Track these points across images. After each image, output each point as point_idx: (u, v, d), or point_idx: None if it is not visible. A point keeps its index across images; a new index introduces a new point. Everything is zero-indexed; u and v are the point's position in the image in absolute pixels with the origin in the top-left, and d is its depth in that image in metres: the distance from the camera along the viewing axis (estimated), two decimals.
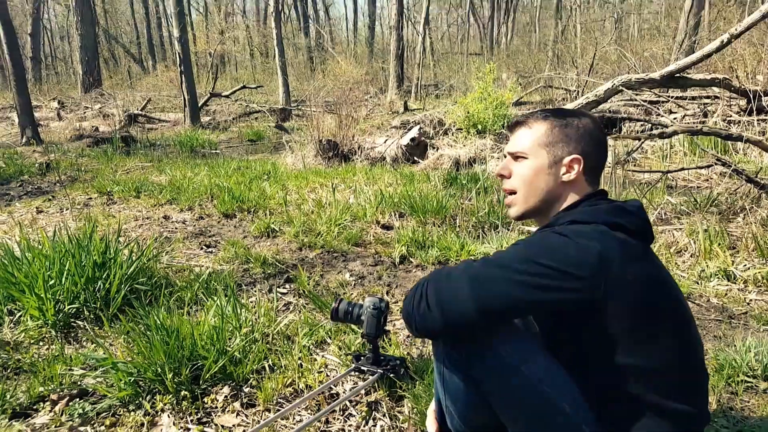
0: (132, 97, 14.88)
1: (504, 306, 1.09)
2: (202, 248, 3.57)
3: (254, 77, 23.03)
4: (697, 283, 2.83)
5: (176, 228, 4.06)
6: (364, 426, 1.74)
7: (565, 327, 1.15)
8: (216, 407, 1.81)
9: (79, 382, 1.94)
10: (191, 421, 1.74)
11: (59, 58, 36.50)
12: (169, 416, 1.75)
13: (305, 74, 22.08)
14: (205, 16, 32.92)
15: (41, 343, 2.25)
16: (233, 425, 1.72)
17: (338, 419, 1.77)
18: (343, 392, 1.89)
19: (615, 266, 1.05)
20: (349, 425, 1.74)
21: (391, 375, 1.86)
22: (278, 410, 1.75)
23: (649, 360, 1.08)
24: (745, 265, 2.91)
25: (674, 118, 6.35)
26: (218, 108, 14.63)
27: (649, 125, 5.59)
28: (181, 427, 1.71)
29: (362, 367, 1.89)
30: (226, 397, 1.85)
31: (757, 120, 5.53)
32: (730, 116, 6.21)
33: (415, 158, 6.64)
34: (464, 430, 1.30)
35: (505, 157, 1.37)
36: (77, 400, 1.85)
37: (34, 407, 1.83)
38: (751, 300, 2.65)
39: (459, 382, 1.21)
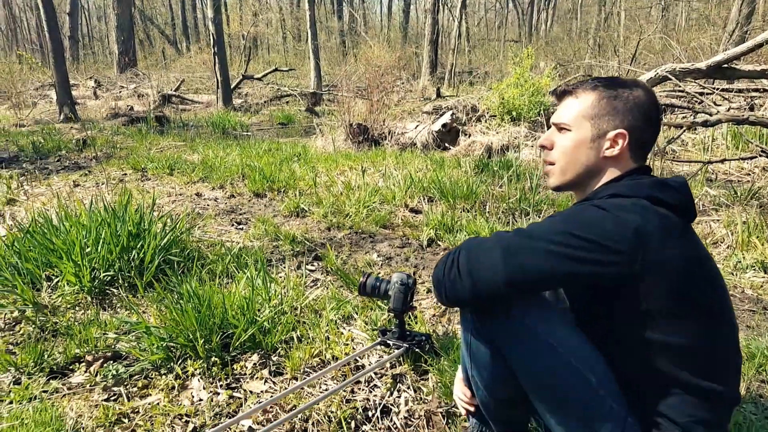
0: (166, 78, 15.15)
1: (536, 277, 1.06)
2: (233, 225, 3.62)
3: (286, 61, 23.13)
4: (732, 274, 2.78)
5: (208, 205, 4.14)
6: (389, 397, 1.76)
7: (600, 301, 1.12)
8: (245, 374, 1.85)
9: (113, 346, 2.01)
10: (221, 386, 1.78)
11: (96, 38, 37.29)
12: (199, 380, 1.79)
13: (337, 58, 22.07)
14: None
15: (77, 308, 2.33)
16: (261, 391, 1.76)
17: (363, 389, 1.79)
18: (369, 364, 1.91)
19: (654, 241, 1.02)
20: (374, 395, 1.76)
21: (417, 350, 1.86)
22: (305, 379, 1.77)
23: (684, 338, 1.05)
24: None
25: (718, 110, 6.12)
26: (250, 91, 14.78)
27: (692, 114, 5.40)
28: (211, 391, 1.75)
29: (388, 341, 1.90)
30: (254, 364, 1.88)
31: None
32: None
33: (446, 144, 6.58)
34: (489, 401, 1.29)
35: (550, 127, 1.32)
36: (111, 362, 1.91)
37: (70, 367, 1.90)
38: None
39: (486, 353, 1.20)
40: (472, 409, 1.45)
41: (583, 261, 1.03)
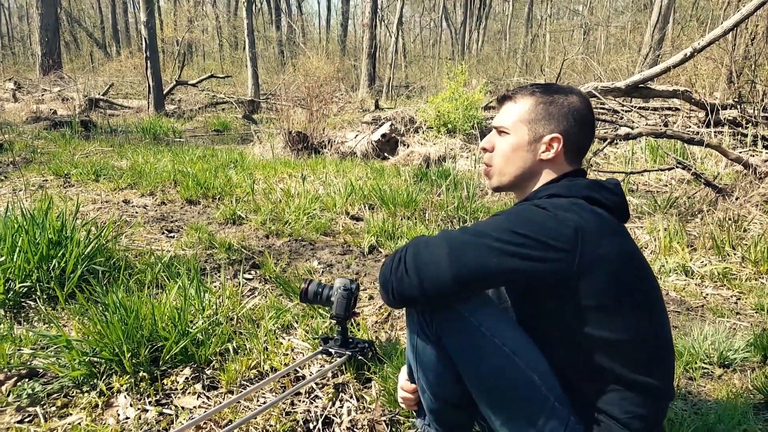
0: (94, 82, 14.39)
1: (479, 273, 1.07)
2: (163, 233, 3.45)
3: (222, 68, 22.59)
4: (657, 278, 2.90)
5: (137, 212, 3.92)
6: (331, 407, 1.70)
7: (540, 299, 1.15)
8: (176, 389, 1.73)
9: (28, 362, 1.84)
10: (149, 402, 1.66)
11: (16, 38, 34.91)
12: (126, 397, 1.67)
13: (275, 68, 21.83)
14: (173, 4, 32.05)
15: None
16: (194, 407, 1.65)
17: (304, 401, 1.72)
18: (310, 375, 1.85)
19: (590, 239, 1.05)
20: (315, 406, 1.70)
21: (360, 357, 1.82)
22: (242, 392, 1.69)
23: (620, 333, 1.08)
24: (703, 262, 3.05)
25: (639, 125, 6.53)
26: (184, 97, 14.30)
27: (615, 128, 5.75)
28: (139, 408, 1.63)
29: (330, 350, 1.84)
30: (187, 378, 1.78)
31: (714, 132, 5.76)
32: (689, 127, 6.44)
33: (386, 154, 6.62)
34: (434, 404, 1.29)
35: (491, 131, 1.36)
36: (26, 380, 1.75)
37: None
38: (707, 294, 2.77)
39: (431, 354, 1.20)
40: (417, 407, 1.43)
41: (526, 257, 1.05)
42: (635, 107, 7.73)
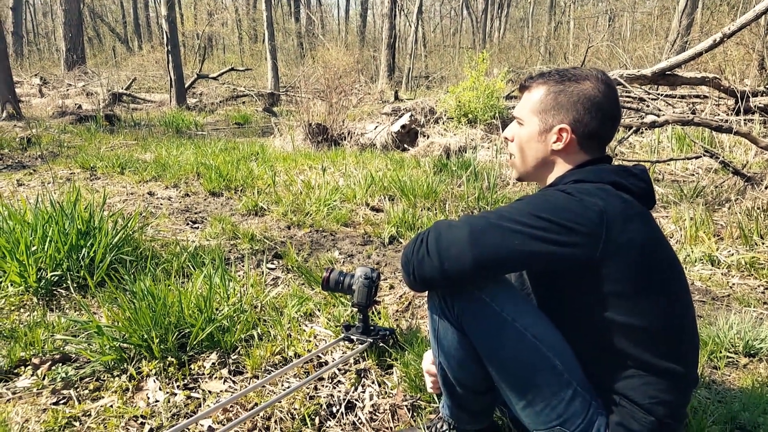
0: (117, 76, 14.64)
1: (500, 256, 1.07)
2: (188, 224, 3.52)
3: (242, 61, 22.80)
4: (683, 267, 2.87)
5: (161, 204, 4.00)
6: (353, 392, 1.73)
7: (560, 284, 1.15)
8: (203, 373, 1.78)
9: (61, 348, 1.90)
10: (177, 386, 1.71)
11: (41, 34, 35.59)
12: (155, 381, 1.72)
13: (294, 60, 21.91)
14: None
15: (22, 310, 2.20)
16: (220, 391, 1.70)
17: (327, 386, 1.75)
18: (333, 361, 1.88)
19: (615, 224, 1.04)
20: (338, 391, 1.73)
21: (381, 344, 1.85)
22: (266, 377, 1.73)
23: (645, 319, 1.07)
24: (729, 252, 2.97)
25: (665, 113, 6.39)
26: (205, 90, 14.47)
27: (640, 117, 5.63)
28: (168, 392, 1.68)
29: (352, 337, 1.87)
30: (213, 363, 1.82)
31: (744, 120, 5.57)
32: (718, 115, 6.26)
33: (405, 145, 6.61)
34: (454, 388, 1.30)
35: (513, 120, 1.36)
36: (60, 364, 1.81)
37: (15, 371, 1.79)
38: (734, 284, 2.71)
39: (453, 338, 1.21)
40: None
41: (547, 241, 1.04)
42: (662, 95, 7.52)
